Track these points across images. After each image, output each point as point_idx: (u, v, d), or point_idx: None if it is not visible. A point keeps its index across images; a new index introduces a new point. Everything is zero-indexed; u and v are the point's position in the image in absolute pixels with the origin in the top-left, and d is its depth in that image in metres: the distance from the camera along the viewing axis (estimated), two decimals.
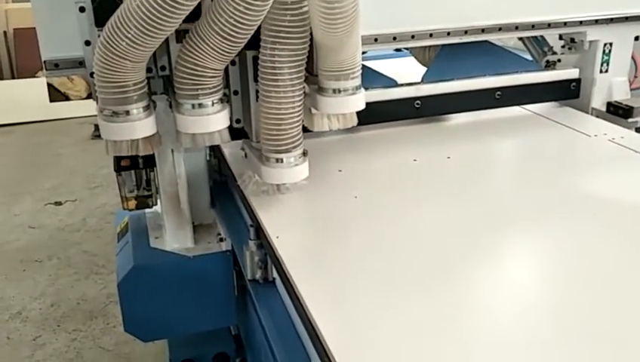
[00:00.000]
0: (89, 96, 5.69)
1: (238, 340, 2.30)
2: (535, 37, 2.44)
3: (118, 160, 2.07)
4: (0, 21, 7.24)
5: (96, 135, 5.99)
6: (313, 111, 1.70)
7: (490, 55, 2.33)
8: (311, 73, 1.64)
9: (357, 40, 1.54)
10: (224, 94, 1.62)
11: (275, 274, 1.57)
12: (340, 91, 1.62)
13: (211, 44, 1.46)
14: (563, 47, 2.45)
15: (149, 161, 2.03)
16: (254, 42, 1.53)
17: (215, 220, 2.14)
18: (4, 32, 7.33)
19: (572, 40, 2.40)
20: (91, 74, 1.65)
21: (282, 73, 1.54)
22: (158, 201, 2.09)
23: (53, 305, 3.33)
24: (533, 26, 2.19)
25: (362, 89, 1.65)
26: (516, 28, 2.17)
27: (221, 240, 2.03)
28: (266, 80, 1.56)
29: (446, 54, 2.30)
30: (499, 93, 2.29)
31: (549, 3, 2.20)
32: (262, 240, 1.61)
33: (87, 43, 1.66)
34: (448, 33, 2.10)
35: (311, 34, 1.52)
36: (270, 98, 1.57)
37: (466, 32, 2.12)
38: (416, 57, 2.57)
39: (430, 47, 2.37)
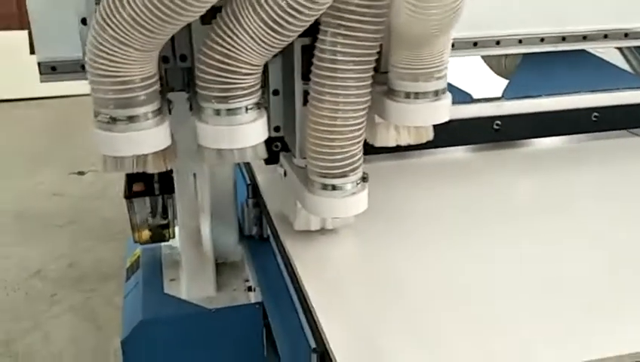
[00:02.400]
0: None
1: None
2: (639, 47, 2.00)
3: (129, 184, 1.73)
4: None
5: None
6: (377, 120, 1.27)
7: (585, 67, 1.90)
8: (377, 70, 1.19)
9: (450, 33, 1.12)
10: (262, 97, 1.20)
11: None
12: (417, 95, 1.19)
13: (252, 32, 1.04)
14: None
15: (167, 186, 1.68)
16: (308, 27, 1.09)
17: (242, 258, 1.77)
18: None
19: None
20: (82, 66, 1.17)
21: (344, 69, 1.11)
22: (176, 234, 1.73)
23: (70, 266, 3.43)
24: None
25: (448, 93, 1.22)
26: (626, 35, 1.74)
27: (249, 289, 1.66)
28: (321, 77, 1.13)
29: (531, 64, 1.88)
30: (596, 114, 1.86)
31: None
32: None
33: (84, 21, 1.18)
34: (542, 40, 1.69)
35: None
36: (324, 103, 1.14)
37: (563, 38, 1.70)
38: (489, 64, 2.15)
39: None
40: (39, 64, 1.45)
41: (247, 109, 1.13)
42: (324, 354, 1.07)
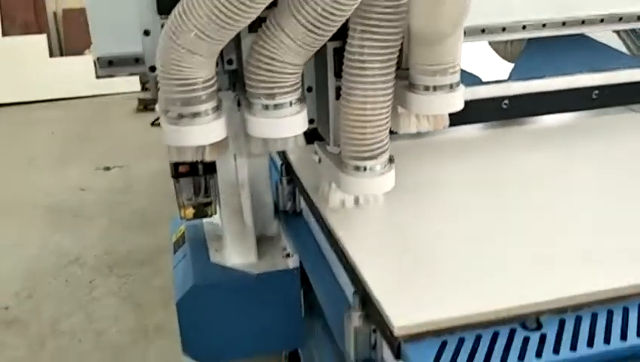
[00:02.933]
0: (133, 74, 5.60)
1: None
2: (634, 30, 2.17)
3: (176, 166, 1.91)
4: (50, 2, 7.46)
5: (140, 108, 6.18)
6: (400, 110, 1.47)
7: (585, 49, 2.08)
8: (399, 67, 1.40)
9: (461, 32, 1.32)
10: (302, 92, 1.39)
11: None
12: (434, 88, 1.38)
13: (293, 36, 1.23)
14: None
15: (209, 167, 1.87)
16: (337, 32, 1.28)
17: (279, 232, 1.96)
18: (54, 13, 7.50)
19: None
20: (151, 68, 1.43)
21: (372, 68, 1.31)
22: (218, 210, 1.92)
23: (106, 254, 3.63)
24: (639, 17, 1.92)
25: (462, 86, 1.41)
26: (620, 19, 1.91)
27: (287, 255, 1.84)
28: (351, 75, 1.33)
29: (535, 48, 2.06)
30: (596, 92, 2.03)
31: None
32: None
33: (147, 33, 1.41)
34: (544, 25, 1.86)
35: None
36: (356, 96, 1.34)
37: (564, 23, 1.87)
38: (496, 50, 2.32)
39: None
40: (98, 59, 1.62)
41: (291, 104, 1.33)
42: (364, 295, 1.26)
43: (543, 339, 1.11)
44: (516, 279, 1.25)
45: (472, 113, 1.94)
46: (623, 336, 1.11)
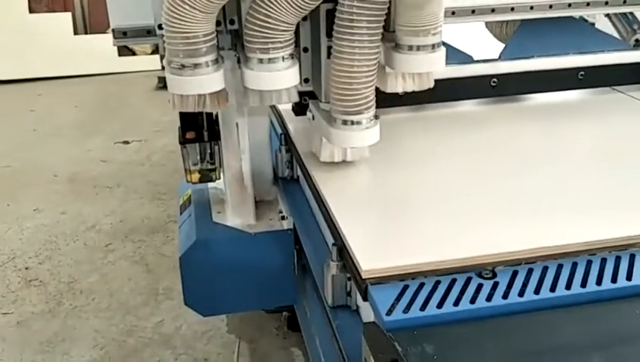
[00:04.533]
0: (153, 52, 5.89)
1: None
2: (624, 13, 2.26)
3: (183, 132, 2.05)
4: None
5: (160, 86, 6.36)
6: (387, 70, 1.59)
7: (573, 32, 2.18)
8: (386, 29, 1.52)
9: None
10: (294, 50, 1.52)
11: None
12: (418, 48, 1.50)
13: None
14: None
15: (214, 134, 2.01)
16: None
17: (277, 197, 2.10)
18: None
19: None
20: (159, 26, 1.56)
21: (360, 27, 1.43)
22: (222, 176, 2.06)
23: (121, 221, 3.84)
24: (624, 1, 2.02)
25: (443, 47, 1.53)
26: (606, 3, 2.01)
27: (283, 218, 1.98)
28: (341, 34, 1.46)
29: (526, 30, 2.16)
30: (582, 73, 2.14)
31: None
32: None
33: None
34: (531, 7, 1.96)
35: None
36: (344, 54, 1.47)
37: (550, 6, 1.98)
38: (491, 32, 2.43)
39: (509, 21, 2.23)
40: (113, 30, 1.75)
41: (283, 59, 1.46)
42: (341, 247, 1.40)
43: (495, 286, 1.24)
44: (478, 234, 1.39)
45: (462, 90, 2.09)
46: (568, 286, 1.24)
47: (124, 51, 6.58)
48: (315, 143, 1.76)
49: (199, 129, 2.04)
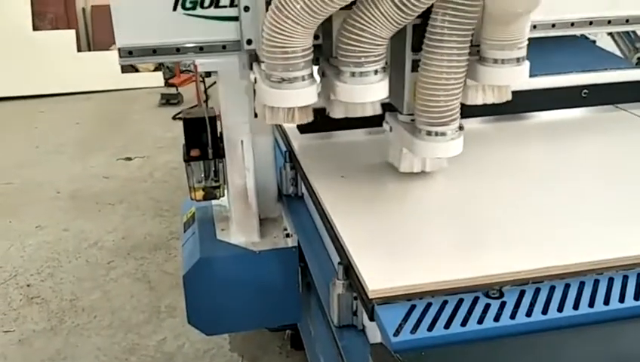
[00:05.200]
0: (156, 69, 5.94)
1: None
2: (627, 32, 2.27)
3: (187, 150, 2.06)
4: None
5: (163, 103, 6.38)
6: (468, 83, 1.61)
7: (576, 50, 2.19)
8: (470, 44, 1.54)
9: (532, 12, 1.47)
10: (386, 63, 1.54)
11: None
12: (503, 61, 1.54)
13: (384, 11, 1.39)
14: None
15: (218, 152, 2.01)
16: None
17: (281, 214, 2.10)
18: (83, 9, 7.75)
19: None
20: (248, 41, 1.67)
21: (450, 41, 1.47)
22: (226, 193, 2.06)
23: (124, 238, 3.82)
24: (627, 21, 2.02)
25: (527, 60, 1.57)
26: (609, 22, 2.01)
27: (287, 235, 1.98)
28: (431, 47, 1.50)
29: (530, 49, 2.16)
30: (585, 91, 2.14)
31: None
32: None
33: (246, 9, 1.65)
34: (534, 26, 1.96)
35: None
36: (433, 67, 1.50)
37: (553, 25, 1.98)
38: None
39: None
40: (119, 49, 1.76)
41: (376, 72, 1.49)
42: (347, 265, 1.40)
43: (502, 306, 1.23)
44: (485, 254, 1.39)
45: (466, 107, 2.08)
46: (575, 306, 1.23)
47: (128, 68, 6.61)
48: (393, 154, 1.80)
49: (204, 147, 2.05)
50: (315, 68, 1.60)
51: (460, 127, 1.60)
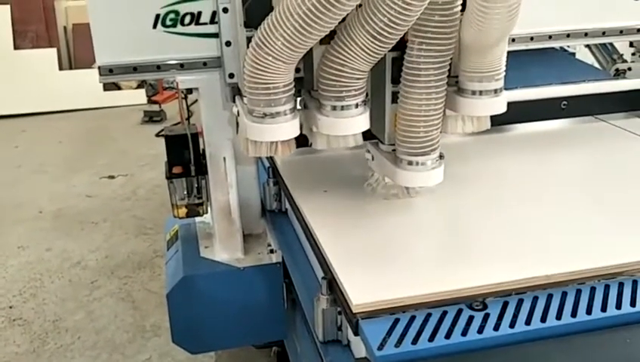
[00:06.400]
0: (139, 87, 5.95)
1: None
2: (604, 44, 2.31)
3: (169, 167, 2.05)
4: (60, 17, 7.70)
5: (146, 120, 6.36)
6: (447, 113, 1.62)
7: (555, 62, 2.21)
8: (449, 74, 1.56)
9: (506, 42, 1.49)
10: (366, 96, 1.56)
11: None
12: (481, 93, 1.56)
13: (361, 44, 1.40)
14: (634, 54, 2.31)
15: (201, 169, 2.01)
16: (396, 43, 1.45)
17: (265, 230, 2.09)
18: (64, 27, 7.76)
19: None
20: (230, 75, 1.69)
21: (427, 74, 1.48)
22: (209, 210, 2.05)
23: (107, 257, 3.80)
24: (604, 33, 2.06)
25: (504, 91, 1.59)
26: (585, 35, 2.04)
27: (271, 251, 1.98)
28: (409, 80, 1.50)
29: (509, 62, 2.19)
30: (565, 102, 2.17)
31: (620, 8, 2.07)
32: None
33: (228, 43, 1.68)
34: (513, 40, 1.99)
35: None
36: (412, 100, 1.51)
37: (532, 38, 2.00)
38: None
39: None
40: (99, 67, 1.76)
41: (357, 105, 1.51)
42: (331, 280, 1.39)
43: (486, 318, 1.24)
44: (468, 266, 1.39)
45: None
46: (558, 317, 1.24)
47: (110, 86, 6.60)
48: (376, 182, 1.79)
49: (186, 164, 2.04)
50: (298, 99, 1.61)
51: (441, 156, 1.60)
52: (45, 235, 4.07)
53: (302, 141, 1.74)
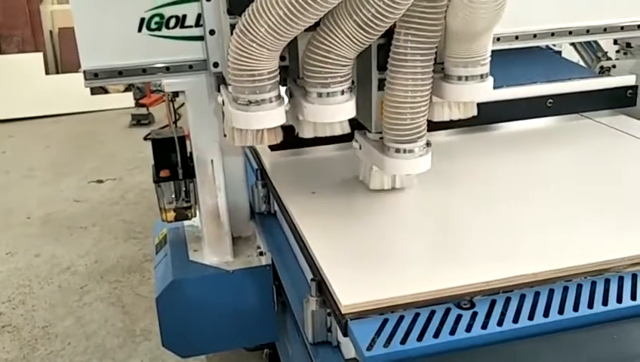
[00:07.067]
0: (126, 90, 5.93)
1: None
2: (588, 42, 2.32)
3: (157, 170, 2.04)
4: (46, 21, 7.67)
5: (134, 124, 6.32)
6: (434, 100, 1.62)
7: (540, 61, 2.23)
8: (435, 61, 1.56)
9: (492, 30, 1.49)
10: (352, 83, 1.55)
11: None
12: (467, 78, 1.56)
13: (348, 32, 1.40)
14: (618, 52, 2.33)
15: (188, 172, 2.00)
16: None
17: (255, 232, 2.09)
18: (50, 32, 7.72)
19: (628, 45, 2.28)
20: (214, 64, 1.68)
21: (414, 61, 1.48)
22: (197, 213, 2.05)
23: (96, 262, 3.77)
24: (588, 31, 2.07)
25: (490, 76, 1.59)
26: (570, 33, 2.05)
27: (261, 253, 1.97)
28: (396, 67, 1.50)
29: (494, 61, 2.19)
30: (550, 101, 2.18)
31: (604, 6, 2.08)
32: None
33: (212, 32, 1.66)
34: (498, 39, 2.00)
35: None
36: (398, 86, 1.51)
37: (517, 37, 2.01)
38: None
39: None
40: (84, 72, 1.75)
41: (342, 92, 1.50)
42: (320, 281, 1.40)
43: (474, 316, 1.24)
44: (455, 265, 1.39)
45: (431, 121, 2.10)
46: (546, 314, 1.24)
47: (97, 90, 6.55)
48: (364, 172, 1.80)
49: (173, 167, 2.04)
50: (283, 88, 1.61)
51: (428, 144, 1.61)
52: (34, 241, 4.04)
53: (289, 143, 1.75)
